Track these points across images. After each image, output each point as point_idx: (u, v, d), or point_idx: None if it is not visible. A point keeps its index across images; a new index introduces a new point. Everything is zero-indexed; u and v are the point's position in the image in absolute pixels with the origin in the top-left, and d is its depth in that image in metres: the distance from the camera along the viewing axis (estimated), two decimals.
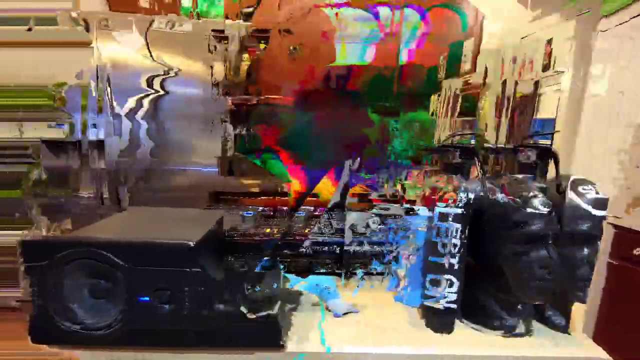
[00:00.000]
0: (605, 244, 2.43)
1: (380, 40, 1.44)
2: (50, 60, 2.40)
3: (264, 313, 0.73)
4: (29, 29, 2.07)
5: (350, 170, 1.04)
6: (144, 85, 2.14)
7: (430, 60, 1.51)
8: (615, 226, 2.40)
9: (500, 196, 0.81)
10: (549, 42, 4.19)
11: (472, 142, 1.09)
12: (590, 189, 0.81)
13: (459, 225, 0.80)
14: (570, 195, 0.81)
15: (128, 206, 2.16)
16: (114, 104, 2.15)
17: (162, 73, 2.12)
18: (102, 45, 2.11)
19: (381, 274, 1.11)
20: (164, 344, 0.72)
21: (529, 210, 0.77)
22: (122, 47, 2.11)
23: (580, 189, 0.82)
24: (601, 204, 0.80)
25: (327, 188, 1.30)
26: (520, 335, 0.86)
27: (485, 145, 1.23)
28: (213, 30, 1.99)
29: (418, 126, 1.45)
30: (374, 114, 1.58)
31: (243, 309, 0.72)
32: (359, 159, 1.10)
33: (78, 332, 0.68)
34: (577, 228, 0.79)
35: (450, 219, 0.80)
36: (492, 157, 1.22)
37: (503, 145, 0.98)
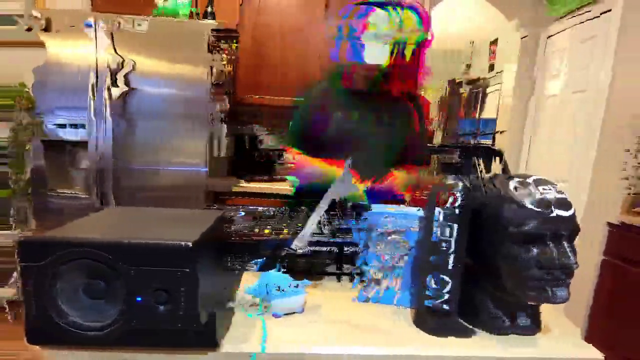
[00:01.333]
0: (599, 243, 2.47)
1: None
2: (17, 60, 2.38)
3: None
4: (29, 29, 2.04)
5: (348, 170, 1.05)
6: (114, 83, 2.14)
7: None
8: (610, 224, 2.43)
9: (497, 196, 0.82)
10: (494, 42, 4.25)
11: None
12: (551, 189, 0.81)
13: (456, 225, 0.81)
14: (515, 194, 0.81)
15: (115, 205, 2.15)
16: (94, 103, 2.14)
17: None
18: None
19: (348, 274, 1.12)
20: (162, 345, 0.72)
21: (526, 209, 0.78)
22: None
23: (529, 188, 0.81)
24: (562, 203, 0.79)
25: None
26: (514, 335, 0.87)
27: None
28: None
29: None
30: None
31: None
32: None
33: (75, 333, 0.67)
34: (523, 228, 0.78)
35: (447, 218, 0.81)
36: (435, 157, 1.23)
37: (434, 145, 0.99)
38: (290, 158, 1.53)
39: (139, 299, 0.68)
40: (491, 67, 4.36)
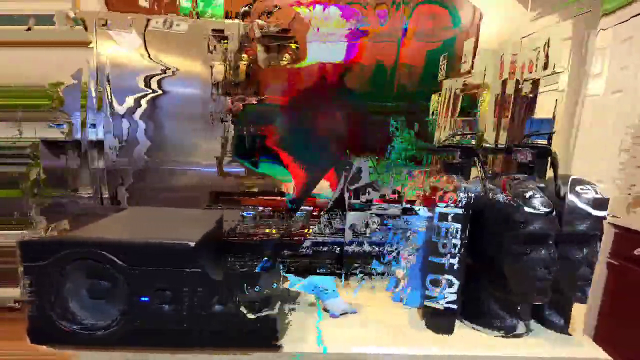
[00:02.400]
0: (605, 244, 2.44)
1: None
2: (48, 59, 2.39)
3: (262, 313, 0.73)
4: (28, 29, 2.06)
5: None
6: (141, 85, 2.15)
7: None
8: (616, 226, 2.40)
9: (500, 196, 0.81)
10: (547, 42, 4.19)
11: (472, 142, 1.09)
12: (589, 189, 0.81)
13: (459, 225, 0.80)
14: (568, 195, 0.81)
15: (127, 206, 2.17)
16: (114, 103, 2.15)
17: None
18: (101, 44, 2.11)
19: (381, 274, 1.11)
20: (164, 344, 0.72)
21: (529, 210, 0.77)
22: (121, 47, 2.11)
23: (578, 189, 0.81)
24: (599, 204, 0.79)
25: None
26: (520, 335, 0.86)
27: (484, 145, 1.23)
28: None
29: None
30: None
31: (242, 309, 0.72)
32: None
33: (77, 333, 0.68)
34: (575, 228, 0.78)
35: (450, 219, 0.81)
36: (491, 158, 1.22)
37: (501, 145, 0.98)
38: None
39: (142, 298, 0.68)
40: (544, 67, 4.32)
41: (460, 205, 0.80)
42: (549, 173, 0.92)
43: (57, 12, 2.13)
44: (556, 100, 3.87)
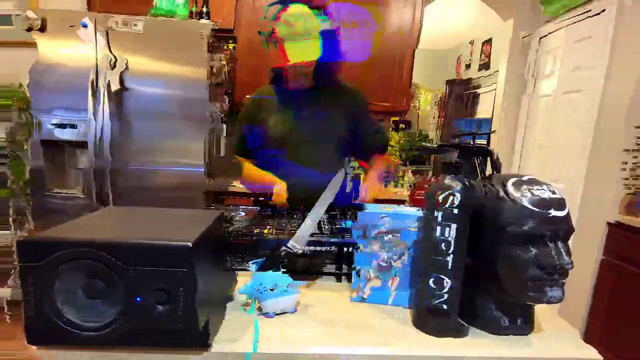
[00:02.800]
0: (598, 242, 2.47)
1: None
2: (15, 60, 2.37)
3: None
4: (29, 29, 2.04)
5: (345, 170, 1.05)
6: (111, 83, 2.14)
7: None
8: (609, 224, 2.44)
9: (496, 196, 0.83)
10: (488, 42, 4.25)
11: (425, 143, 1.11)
12: (540, 189, 0.81)
13: (455, 225, 0.81)
14: (513, 194, 0.81)
15: (112, 205, 2.15)
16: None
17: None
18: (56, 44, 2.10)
19: (346, 274, 1.12)
20: (157, 345, 0.72)
21: (524, 209, 0.78)
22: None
23: (524, 188, 0.81)
24: (551, 203, 0.79)
25: None
26: (514, 335, 0.87)
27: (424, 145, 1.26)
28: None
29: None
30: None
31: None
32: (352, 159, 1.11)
33: (74, 333, 0.67)
34: (520, 228, 0.78)
35: (446, 218, 0.82)
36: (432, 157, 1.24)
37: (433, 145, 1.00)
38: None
39: (138, 299, 0.68)
40: (485, 67, 4.37)
41: (456, 204, 0.81)
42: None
43: (20, 12, 2.13)
44: (494, 100, 3.93)
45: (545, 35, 3.36)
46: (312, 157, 1.49)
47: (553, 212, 0.78)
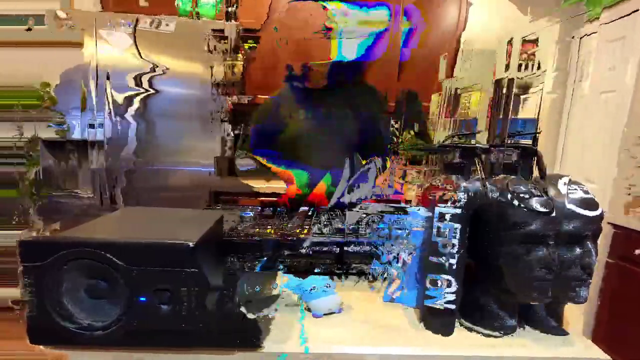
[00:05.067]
0: (603, 244, 2.44)
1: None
2: (40, 60, 2.39)
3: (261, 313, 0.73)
4: (29, 29, 2.06)
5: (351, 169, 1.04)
6: (133, 84, 2.15)
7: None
8: (615, 226, 2.40)
9: (499, 196, 0.82)
10: (535, 42, 4.20)
11: (472, 141, 1.10)
12: (577, 189, 0.81)
13: (458, 225, 0.80)
14: (556, 195, 0.81)
15: (122, 206, 2.16)
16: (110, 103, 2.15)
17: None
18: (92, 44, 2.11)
19: (363, 273, 1.11)
20: (164, 344, 0.72)
21: (527, 210, 0.77)
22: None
23: (567, 189, 0.81)
24: (589, 204, 0.79)
25: None
26: (518, 335, 0.86)
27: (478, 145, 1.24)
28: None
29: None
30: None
31: (242, 309, 0.72)
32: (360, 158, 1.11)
33: (77, 333, 0.68)
34: (564, 228, 0.78)
35: (449, 219, 0.81)
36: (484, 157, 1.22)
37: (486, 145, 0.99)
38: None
39: (141, 298, 0.68)
40: (530, 67, 4.33)
41: (459, 205, 0.80)
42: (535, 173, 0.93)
43: (48, 12, 2.13)
44: (540, 100, 3.89)
45: (584, 35, 3.35)
46: (327, 156, 1.48)
47: (582, 212, 0.78)
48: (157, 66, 2.16)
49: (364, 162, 1.67)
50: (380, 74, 1.73)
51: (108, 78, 2.16)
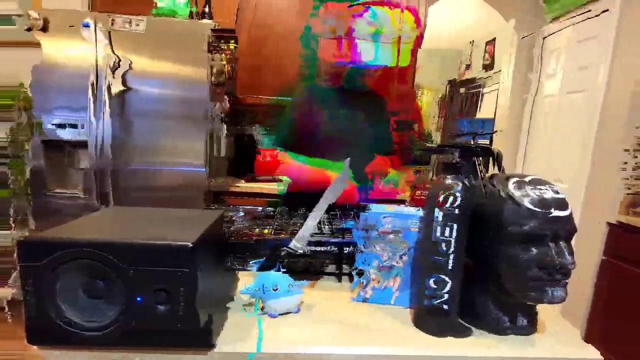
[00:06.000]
0: (598, 243, 2.47)
1: None
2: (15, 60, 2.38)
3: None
4: (29, 29, 2.04)
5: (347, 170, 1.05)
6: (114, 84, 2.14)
7: None
8: (609, 224, 2.43)
9: (497, 196, 0.82)
10: (491, 42, 4.24)
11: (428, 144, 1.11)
12: (547, 189, 0.81)
13: (455, 225, 0.81)
14: (514, 194, 0.81)
15: (113, 205, 2.15)
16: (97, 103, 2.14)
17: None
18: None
19: (347, 274, 1.12)
20: (160, 345, 0.72)
21: (525, 209, 0.78)
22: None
23: (526, 188, 0.81)
24: (559, 203, 0.79)
25: None
26: (513, 335, 0.87)
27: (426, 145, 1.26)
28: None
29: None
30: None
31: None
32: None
33: (75, 333, 0.67)
34: (520, 228, 0.78)
35: (447, 218, 0.82)
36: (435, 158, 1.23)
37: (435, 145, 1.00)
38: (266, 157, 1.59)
39: (138, 299, 0.68)
40: (488, 67, 4.36)
41: (457, 205, 0.81)
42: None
43: (22, 11, 2.13)
44: (497, 100, 3.91)
45: (548, 35, 3.35)
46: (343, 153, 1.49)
47: (555, 212, 0.78)
48: (131, 62, 2.16)
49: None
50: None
51: (97, 77, 2.15)
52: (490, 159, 0.98)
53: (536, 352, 0.83)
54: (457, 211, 0.81)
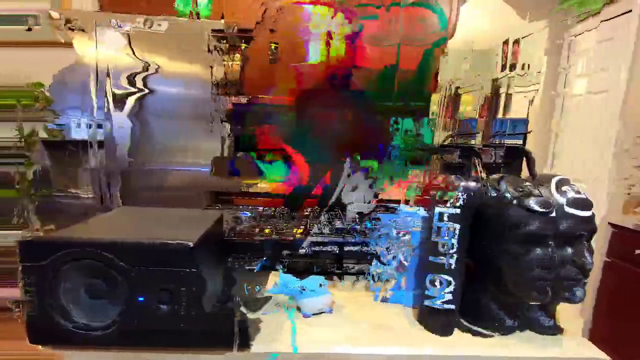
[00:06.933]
0: (602, 243, 2.45)
1: None
2: (31, 60, 2.38)
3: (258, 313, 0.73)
4: (29, 29, 2.05)
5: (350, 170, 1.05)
6: (127, 84, 2.14)
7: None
8: (613, 225, 2.41)
9: (499, 196, 0.82)
10: (517, 42, 4.19)
11: (472, 142, 1.10)
12: (570, 189, 0.81)
13: (457, 225, 0.81)
14: (516, 196, 0.80)
15: (120, 206, 2.16)
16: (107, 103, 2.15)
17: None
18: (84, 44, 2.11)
19: (361, 273, 1.11)
20: (163, 344, 0.72)
21: (527, 210, 0.78)
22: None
23: (560, 188, 0.81)
24: (582, 204, 0.79)
25: None
26: (518, 335, 0.87)
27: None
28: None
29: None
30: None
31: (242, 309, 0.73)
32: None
33: (77, 333, 0.68)
34: (524, 229, 0.78)
35: (449, 219, 0.81)
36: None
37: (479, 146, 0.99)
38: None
39: (140, 298, 0.68)
40: (521, 67, 4.33)
41: (458, 205, 0.80)
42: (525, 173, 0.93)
43: (42, 12, 2.13)
44: (532, 100, 3.87)
45: (576, 35, 3.35)
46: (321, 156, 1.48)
47: (574, 212, 0.78)
48: (150, 65, 2.16)
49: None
50: None
51: (108, 76, 2.16)
52: (524, 159, 0.98)
53: (539, 351, 0.82)
54: (457, 211, 0.80)
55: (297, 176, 1.48)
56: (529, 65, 4.04)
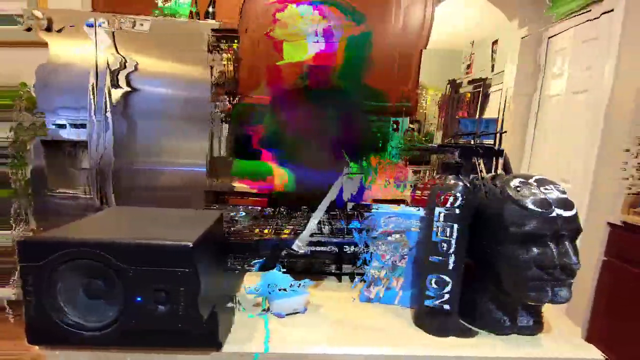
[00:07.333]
0: (600, 243, 2.46)
1: None
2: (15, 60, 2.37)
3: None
4: (29, 29, 2.04)
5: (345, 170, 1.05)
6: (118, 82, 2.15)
7: None
8: (610, 225, 2.42)
9: (497, 196, 0.82)
10: (495, 42, 4.21)
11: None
12: (553, 189, 0.81)
13: (456, 225, 0.81)
14: (514, 194, 0.80)
15: (115, 205, 2.16)
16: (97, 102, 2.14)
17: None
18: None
19: (349, 274, 1.12)
20: (162, 345, 0.72)
21: (526, 209, 0.78)
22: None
23: (543, 188, 0.81)
24: (565, 204, 0.78)
25: None
26: (514, 335, 0.87)
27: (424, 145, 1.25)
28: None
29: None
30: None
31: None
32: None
33: (75, 333, 0.67)
34: (521, 229, 0.78)
35: (447, 218, 0.81)
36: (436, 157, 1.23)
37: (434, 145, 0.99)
38: None
39: (138, 299, 0.68)
40: (492, 67, 4.35)
41: (457, 205, 0.80)
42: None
43: (24, 11, 2.12)
44: (505, 100, 3.89)
45: (553, 35, 3.35)
46: (308, 157, 1.48)
47: (558, 212, 0.78)
48: (137, 64, 2.16)
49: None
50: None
51: (99, 77, 2.15)
52: (494, 158, 0.98)
53: (537, 352, 0.82)
54: (457, 211, 0.81)
55: (285, 179, 1.48)
56: (493, 66, 4.04)
